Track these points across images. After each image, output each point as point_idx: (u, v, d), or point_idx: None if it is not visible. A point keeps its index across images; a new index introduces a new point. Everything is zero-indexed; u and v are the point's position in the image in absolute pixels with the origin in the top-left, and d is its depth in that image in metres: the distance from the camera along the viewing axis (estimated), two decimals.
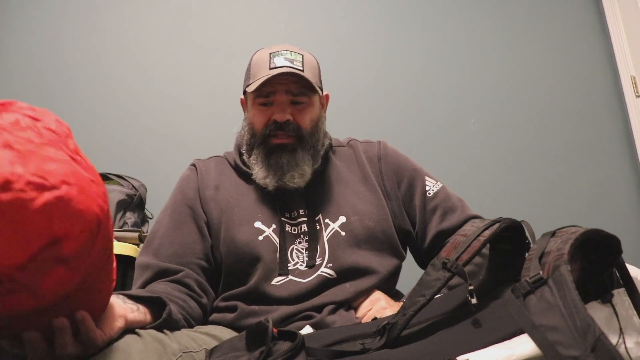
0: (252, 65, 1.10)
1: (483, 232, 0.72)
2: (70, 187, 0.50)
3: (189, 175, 1.14)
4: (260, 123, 1.07)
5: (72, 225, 0.50)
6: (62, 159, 0.52)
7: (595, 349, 0.47)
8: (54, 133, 0.54)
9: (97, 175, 0.58)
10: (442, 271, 0.68)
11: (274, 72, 1.02)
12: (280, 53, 1.07)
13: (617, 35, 2.23)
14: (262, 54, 1.10)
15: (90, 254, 0.54)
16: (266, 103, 1.07)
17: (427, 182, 1.13)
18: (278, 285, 0.99)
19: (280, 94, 1.05)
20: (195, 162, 1.16)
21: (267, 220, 1.04)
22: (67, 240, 0.50)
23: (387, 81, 2.17)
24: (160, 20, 2.16)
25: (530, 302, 0.55)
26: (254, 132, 1.08)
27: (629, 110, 2.16)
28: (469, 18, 2.26)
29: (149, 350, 0.67)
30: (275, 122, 1.05)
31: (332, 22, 2.22)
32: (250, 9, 2.20)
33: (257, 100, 1.07)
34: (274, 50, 1.08)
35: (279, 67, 1.04)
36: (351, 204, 1.07)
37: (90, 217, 0.52)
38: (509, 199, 2.07)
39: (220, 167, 1.15)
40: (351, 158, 1.16)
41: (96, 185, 0.55)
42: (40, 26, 2.11)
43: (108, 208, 0.58)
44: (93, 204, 0.53)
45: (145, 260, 1.02)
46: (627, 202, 2.10)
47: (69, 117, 2.18)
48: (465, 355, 0.56)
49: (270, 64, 1.05)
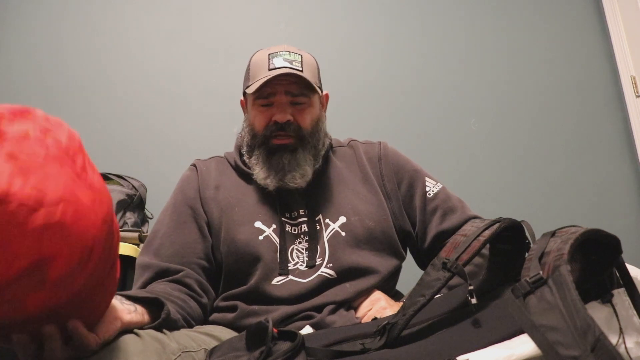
0: (251, 67, 1.10)
1: (483, 232, 0.72)
2: (67, 208, 0.48)
3: (189, 176, 1.14)
4: (260, 124, 1.07)
5: (61, 248, 0.49)
6: (65, 176, 0.50)
7: (595, 349, 0.47)
8: (62, 147, 0.53)
9: (103, 194, 0.56)
10: (442, 271, 0.68)
11: (274, 74, 1.03)
12: (279, 54, 1.07)
13: (617, 35, 2.23)
14: (260, 55, 1.10)
15: (76, 278, 0.52)
16: (266, 104, 1.07)
17: (427, 182, 1.13)
18: (278, 285, 0.99)
19: (280, 95, 1.06)
20: (195, 163, 1.16)
21: (267, 220, 1.04)
22: (54, 262, 0.48)
23: (387, 81, 2.17)
24: (160, 20, 2.16)
25: (530, 302, 0.55)
26: (254, 133, 1.09)
27: (629, 110, 2.16)
28: (469, 18, 2.26)
29: (148, 350, 0.67)
30: (275, 122, 1.05)
31: (332, 22, 2.22)
32: (250, 9, 2.20)
33: (257, 101, 1.07)
34: (272, 51, 1.08)
35: (278, 67, 1.04)
36: (351, 204, 1.07)
37: (82, 241, 0.51)
38: (509, 198, 2.07)
39: (220, 167, 1.15)
40: (351, 158, 1.16)
41: (99, 205, 0.54)
42: (40, 26, 2.11)
43: (113, 225, 0.57)
44: (89, 227, 0.51)
45: (145, 260, 1.02)
46: (627, 202, 2.10)
47: (69, 117, 2.18)
48: (465, 355, 0.56)
49: (269, 65, 1.05)
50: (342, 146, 1.20)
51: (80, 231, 0.50)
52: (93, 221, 0.52)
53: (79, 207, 0.50)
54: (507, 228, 0.73)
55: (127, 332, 0.70)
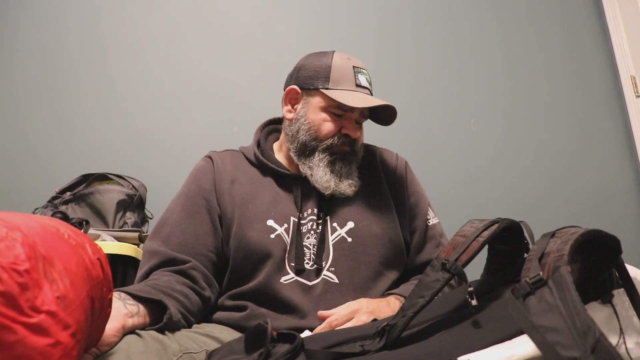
0: (334, 69, 1.09)
1: (482, 233, 0.71)
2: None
3: (204, 167, 1.13)
4: (329, 131, 1.08)
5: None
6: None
7: (595, 350, 0.47)
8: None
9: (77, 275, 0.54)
10: (442, 272, 0.68)
11: (369, 103, 1.05)
12: (361, 70, 1.11)
13: (617, 35, 2.23)
14: (343, 61, 1.11)
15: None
16: (340, 115, 1.09)
17: (429, 212, 1.17)
18: (285, 284, 1.00)
19: (357, 114, 1.10)
20: (211, 154, 1.16)
21: (280, 219, 1.05)
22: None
23: (387, 81, 2.17)
24: (161, 20, 2.16)
25: (530, 303, 0.55)
26: (318, 136, 1.09)
27: (629, 110, 2.16)
28: (469, 18, 2.26)
29: (149, 351, 0.67)
30: (346, 135, 1.09)
31: (332, 22, 2.22)
32: (250, 9, 2.20)
33: (331, 109, 1.09)
34: (355, 64, 1.11)
35: (363, 86, 1.09)
36: (360, 209, 1.08)
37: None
38: (508, 198, 2.07)
39: (235, 161, 1.15)
40: (365, 162, 1.17)
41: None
42: (40, 26, 2.11)
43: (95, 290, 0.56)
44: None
45: (154, 246, 1.02)
46: (627, 202, 2.10)
47: (69, 117, 2.19)
48: (466, 355, 0.56)
49: (355, 80, 1.09)
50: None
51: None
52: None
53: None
54: (506, 229, 0.73)
55: (128, 333, 0.70)
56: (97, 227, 1.58)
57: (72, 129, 2.01)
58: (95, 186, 1.69)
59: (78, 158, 1.96)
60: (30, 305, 0.47)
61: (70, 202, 1.69)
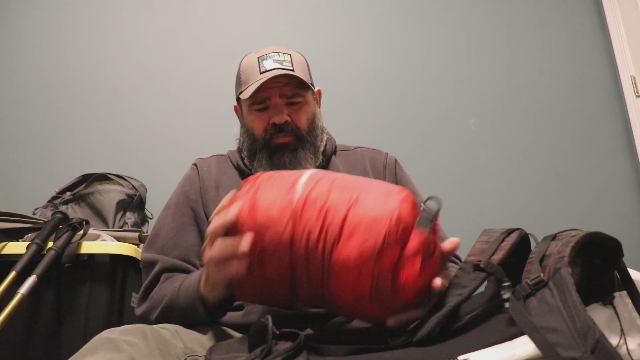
0: (242, 72, 1.11)
1: (506, 238, 0.70)
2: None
3: (190, 175, 1.14)
4: (259, 128, 1.08)
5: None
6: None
7: (595, 351, 0.47)
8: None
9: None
10: (476, 273, 0.67)
11: (266, 77, 1.03)
12: (268, 55, 1.08)
13: (617, 35, 2.23)
14: (250, 58, 1.10)
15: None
16: (262, 108, 1.08)
17: None
18: None
19: (275, 98, 1.07)
20: (197, 162, 1.16)
21: None
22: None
23: (387, 81, 2.17)
24: (161, 20, 2.16)
25: (531, 304, 0.55)
26: (254, 137, 1.09)
27: (629, 110, 2.16)
28: (469, 18, 2.26)
29: (152, 353, 0.67)
30: (274, 125, 1.06)
31: (332, 22, 2.22)
32: (250, 9, 2.20)
33: (252, 107, 1.08)
34: (261, 54, 1.09)
35: (269, 70, 1.05)
36: None
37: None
38: (509, 199, 2.07)
39: (221, 165, 1.15)
40: (354, 163, 1.16)
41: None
42: (40, 26, 2.11)
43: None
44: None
45: (152, 256, 1.02)
46: (627, 202, 2.10)
47: (70, 117, 2.18)
48: (465, 355, 0.56)
49: (260, 68, 1.06)
50: (347, 150, 1.20)
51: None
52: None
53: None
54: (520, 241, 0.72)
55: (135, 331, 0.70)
56: (97, 227, 1.58)
57: (72, 129, 2.01)
58: (95, 186, 1.69)
59: (78, 158, 1.96)
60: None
61: (70, 202, 1.69)
